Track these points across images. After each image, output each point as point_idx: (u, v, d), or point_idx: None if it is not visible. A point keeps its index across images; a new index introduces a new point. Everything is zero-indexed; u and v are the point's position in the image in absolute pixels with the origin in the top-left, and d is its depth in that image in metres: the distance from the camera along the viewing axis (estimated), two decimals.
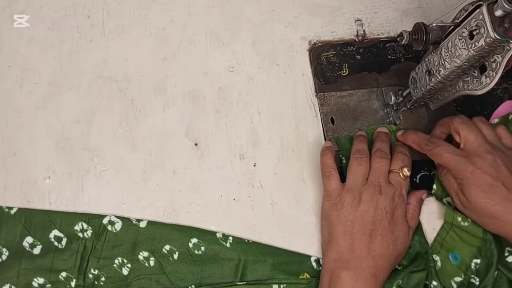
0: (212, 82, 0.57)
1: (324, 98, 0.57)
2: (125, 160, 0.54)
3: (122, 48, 0.58)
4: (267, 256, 0.51)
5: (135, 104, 0.56)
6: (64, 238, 0.50)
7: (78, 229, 0.51)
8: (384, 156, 0.50)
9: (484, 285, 0.49)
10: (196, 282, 0.50)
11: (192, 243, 0.51)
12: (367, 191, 0.48)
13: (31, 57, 0.57)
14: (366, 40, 0.60)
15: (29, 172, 0.53)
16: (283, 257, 0.51)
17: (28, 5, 0.59)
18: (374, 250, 0.46)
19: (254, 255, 0.51)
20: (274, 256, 0.51)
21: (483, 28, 0.39)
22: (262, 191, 0.54)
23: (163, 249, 0.51)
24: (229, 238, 0.51)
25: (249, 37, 0.59)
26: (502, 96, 0.58)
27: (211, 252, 0.51)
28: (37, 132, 0.54)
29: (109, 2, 0.59)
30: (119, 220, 0.51)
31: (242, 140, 0.55)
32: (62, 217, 0.51)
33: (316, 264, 0.51)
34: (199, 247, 0.51)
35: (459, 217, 0.50)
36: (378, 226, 0.47)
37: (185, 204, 0.53)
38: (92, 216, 0.51)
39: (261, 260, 0.51)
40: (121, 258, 0.50)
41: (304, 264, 0.51)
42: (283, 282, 0.49)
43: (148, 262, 0.50)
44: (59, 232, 0.51)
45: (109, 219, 0.51)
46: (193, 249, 0.51)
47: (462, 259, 0.50)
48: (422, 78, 0.50)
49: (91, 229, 0.51)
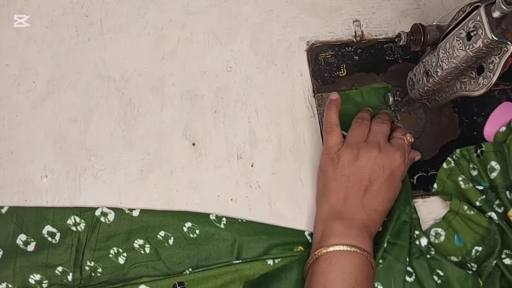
0: (210, 81, 0.57)
1: (322, 99, 0.57)
2: (122, 159, 0.54)
3: (120, 47, 0.58)
4: (261, 234, 0.51)
5: (133, 103, 0.56)
6: (58, 233, 0.50)
7: (71, 223, 0.51)
8: (384, 122, 0.51)
9: (480, 270, 0.50)
10: (193, 265, 0.50)
11: (187, 227, 0.51)
12: (366, 147, 0.48)
13: (29, 56, 0.57)
14: (364, 40, 0.60)
15: (26, 171, 0.53)
16: (277, 233, 0.52)
17: (26, 4, 0.59)
18: (368, 205, 0.47)
19: (248, 234, 0.51)
20: (268, 233, 0.51)
21: (480, 29, 0.40)
22: (260, 191, 0.54)
23: (158, 235, 0.51)
24: (223, 219, 0.52)
25: (247, 37, 0.59)
26: (499, 97, 0.58)
27: (206, 234, 0.51)
28: (34, 131, 0.54)
29: (107, 1, 0.59)
30: (111, 211, 0.51)
31: (240, 140, 0.55)
32: (54, 212, 0.51)
33: (310, 237, 0.51)
34: (194, 230, 0.51)
35: (465, 206, 0.51)
36: (374, 182, 0.47)
37: (182, 203, 0.53)
38: (85, 209, 0.51)
39: (256, 239, 0.51)
40: (116, 248, 0.50)
41: (298, 238, 0.52)
42: (278, 257, 0.50)
43: (143, 249, 0.50)
44: (52, 228, 0.50)
45: (102, 210, 0.51)
46: (188, 233, 0.51)
47: (465, 243, 0.51)
48: (419, 79, 0.50)
49: (84, 222, 0.51)
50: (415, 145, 0.56)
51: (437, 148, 0.57)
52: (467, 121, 0.57)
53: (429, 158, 0.56)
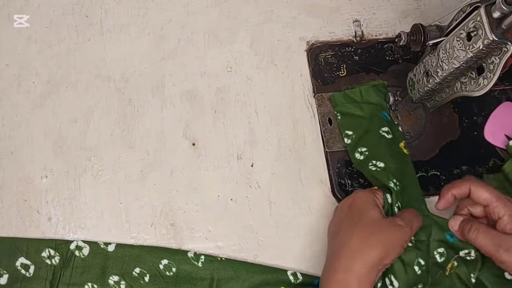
0: (210, 82, 0.57)
1: (322, 99, 0.57)
2: (122, 159, 0.54)
3: (120, 47, 0.58)
4: (241, 272, 0.50)
5: (133, 103, 0.56)
6: (32, 265, 0.49)
7: (46, 255, 0.50)
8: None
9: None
10: None
11: (163, 264, 0.50)
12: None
13: (28, 56, 0.57)
14: (364, 41, 0.60)
15: (26, 171, 0.53)
16: (258, 272, 0.50)
17: (27, 4, 0.59)
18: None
19: (227, 272, 0.50)
20: (248, 272, 0.50)
21: (481, 29, 0.40)
22: (260, 191, 0.54)
23: (133, 272, 0.50)
24: (201, 257, 0.50)
25: (247, 37, 0.59)
26: (499, 97, 0.58)
27: (183, 272, 0.50)
28: (34, 131, 0.54)
29: (107, 1, 0.59)
30: (86, 245, 0.50)
31: (240, 140, 0.55)
32: (28, 244, 0.50)
33: (293, 277, 0.50)
34: (170, 268, 0.50)
35: None
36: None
37: (182, 204, 0.53)
38: (59, 242, 0.50)
39: (235, 277, 0.50)
40: (91, 283, 0.49)
41: (280, 277, 0.50)
42: None
43: (119, 286, 0.49)
44: (26, 260, 0.49)
45: (77, 244, 0.50)
46: (164, 271, 0.50)
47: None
48: (419, 79, 0.50)
49: (58, 255, 0.50)
50: (415, 145, 0.56)
51: (437, 148, 0.57)
52: (467, 121, 0.57)
53: (429, 158, 0.56)
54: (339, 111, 0.55)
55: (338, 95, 0.56)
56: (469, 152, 0.56)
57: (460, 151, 0.56)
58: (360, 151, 0.53)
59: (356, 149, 0.53)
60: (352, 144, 0.54)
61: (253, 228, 0.53)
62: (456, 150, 0.56)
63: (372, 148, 0.52)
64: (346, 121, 0.54)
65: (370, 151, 0.52)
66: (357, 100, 0.56)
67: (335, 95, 0.56)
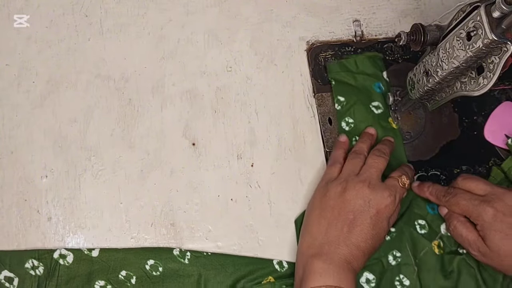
0: (210, 81, 0.57)
1: (322, 99, 0.57)
2: (122, 159, 0.54)
3: (120, 47, 0.58)
4: (228, 266, 0.50)
5: (133, 103, 0.56)
6: (16, 278, 0.49)
7: (29, 266, 0.49)
8: (382, 155, 0.50)
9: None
10: None
11: (149, 265, 0.50)
12: (355, 181, 0.48)
13: (28, 56, 0.57)
14: (364, 40, 0.60)
15: (26, 171, 0.53)
16: (244, 264, 0.50)
17: (27, 4, 0.59)
18: (350, 240, 0.45)
19: (214, 267, 0.50)
20: (235, 265, 0.50)
21: (480, 29, 0.39)
22: (260, 191, 0.54)
23: (119, 275, 0.49)
24: (187, 254, 0.50)
25: (247, 37, 0.59)
26: (499, 97, 0.58)
27: (169, 271, 0.50)
28: (34, 130, 0.54)
29: (107, 1, 0.59)
30: (70, 252, 0.50)
31: (240, 140, 0.55)
32: (11, 256, 0.49)
33: (279, 266, 0.51)
34: (157, 268, 0.50)
35: None
36: (358, 217, 0.46)
37: (182, 203, 0.53)
38: (42, 251, 0.49)
39: (222, 272, 0.50)
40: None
41: (267, 268, 0.50)
42: None
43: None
44: (9, 272, 0.49)
45: (60, 252, 0.50)
46: (150, 271, 0.50)
47: None
48: (419, 79, 0.50)
49: (42, 266, 0.49)
50: (415, 145, 0.56)
51: (437, 147, 0.57)
52: (467, 121, 0.57)
53: (429, 158, 0.56)
54: (333, 78, 0.57)
55: (333, 64, 0.58)
56: (469, 152, 0.56)
57: (460, 151, 0.56)
58: (347, 121, 0.55)
59: (344, 118, 0.55)
60: (341, 112, 0.56)
61: (253, 228, 0.53)
62: (456, 149, 0.56)
63: (359, 123, 0.55)
64: (339, 88, 0.56)
65: (356, 124, 0.55)
66: (352, 70, 0.57)
67: (330, 64, 0.57)
